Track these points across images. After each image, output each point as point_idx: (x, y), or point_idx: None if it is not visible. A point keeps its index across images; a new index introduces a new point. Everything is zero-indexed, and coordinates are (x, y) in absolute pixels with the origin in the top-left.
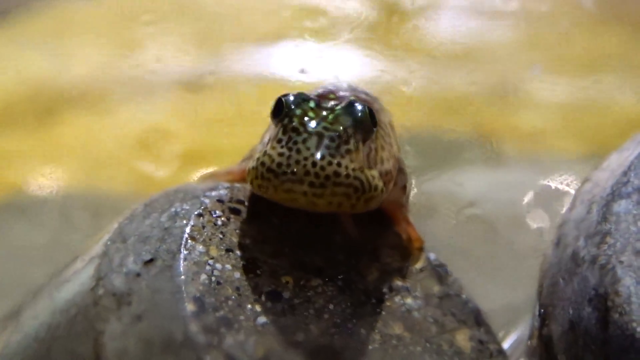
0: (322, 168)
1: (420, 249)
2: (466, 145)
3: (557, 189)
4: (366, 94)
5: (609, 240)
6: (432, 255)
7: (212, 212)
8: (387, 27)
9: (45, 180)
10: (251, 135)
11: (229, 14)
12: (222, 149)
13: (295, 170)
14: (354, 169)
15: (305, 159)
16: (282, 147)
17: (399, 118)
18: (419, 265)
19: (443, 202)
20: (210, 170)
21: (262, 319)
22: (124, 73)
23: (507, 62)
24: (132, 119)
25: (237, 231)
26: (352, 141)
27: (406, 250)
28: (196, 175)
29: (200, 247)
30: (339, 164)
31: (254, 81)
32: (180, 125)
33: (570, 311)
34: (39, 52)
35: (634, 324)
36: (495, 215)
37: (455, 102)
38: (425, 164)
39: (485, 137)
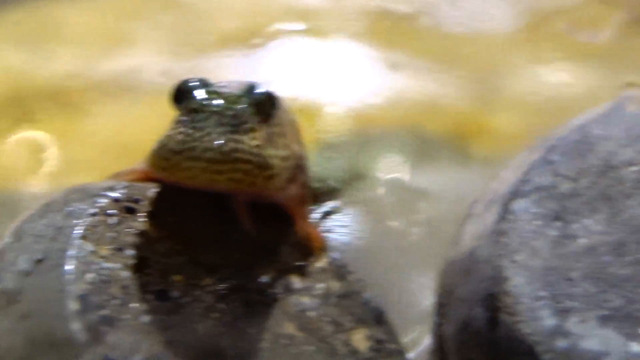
0: (222, 144)
1: (322, 249)
2: None
3: None
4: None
5: (504, 239)
6: (335, 255)
7: (106, 212)
8: None
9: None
10: None
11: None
12: None
13: (194, 147)
14: (253, 146)
15: (205, 136)
16: (183, 126)
17: None
18: (320, 264)
19: None
20: None
21: (146, 318)
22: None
23: None
24: (109, 121)
25: (131, 230)
26: (252, 120)
27: (306, 249)
28: None
29: (90, 246)
30: (238, 140)
31: None
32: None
33: (463, 311)
34: (16, 50)
35: (522, 325)
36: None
37: None
38: None
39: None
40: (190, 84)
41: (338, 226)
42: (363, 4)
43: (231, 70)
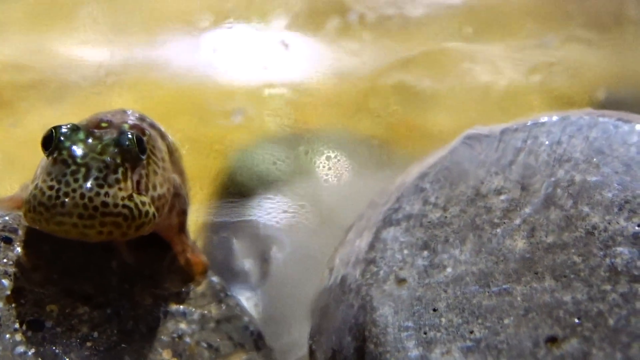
0: (90, 199)
1: (203, 273)
2: None
3: None
4: (142, 119)
5: (373, 268)
6: (214, 279)
7: None
8: None
9: None
10: None
11: None
12: None
13: (64, 202)
14: (122, 198)
15: (74, 190)
16: (52, 179)
17: None
18: (200, 289)
19: None
20: None
21: (20, 349)
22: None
23: None
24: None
25: (6, 260)
26: (120, 170)
27: (187, 275)
28: None
29: None
30: (106, 194)
31: None
32: None
33: (334, 339)
34: None
35: (388, 356)
36: None
37: None
38: None
39: None
40: (61, 131)
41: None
42: None
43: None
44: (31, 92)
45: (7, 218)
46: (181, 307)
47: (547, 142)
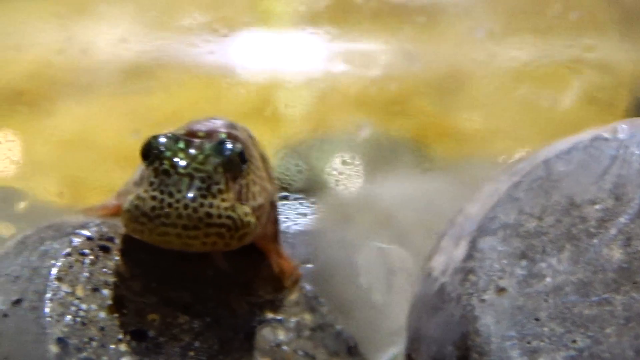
0: (195, 210)
1: (295, 281)
2: None
3: None
4: (234, 127)
5: (472, 277)
6: (307, 286)
7: (81, 251)
8: None
9: None
10: None
11: None
12: None
13: (168, 213)
14: (225, 208)
15: (178, 201)
16: (154, 190)
17: None
18: (293, 297)
19: None
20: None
21: (125, 359)
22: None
23: None
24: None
25: (105, 270)
26: (222, 180)
27: (280, 283)
28: None
29: (66, 288)
30: (210, 205)
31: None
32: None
33: (434, 348)
34: None
35: None
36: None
37: None
38: None
39: None
40: (160, 141)
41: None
42: None
43: None
44: (61, 90)
45: (103, 226)
46: (276, 314)
47: (637, 152)
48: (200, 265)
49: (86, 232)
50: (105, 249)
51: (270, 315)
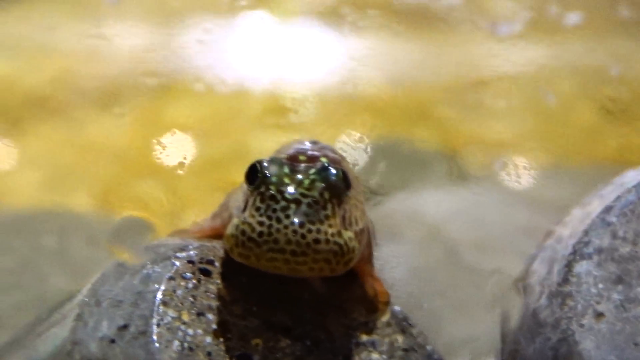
0: (303, 236)
1: (386, 303)
2: None
3: None
4: (332, 150)
5: (570, 302)
6: (396, 308)
7: (183, 275)
8: None
9: (11, 197)
10: None
11: None
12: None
13: (277, 239)
14: (332, 234)
15: (286, 227)
16: (261, 215)
17: None
18: (384, 318)
19: None
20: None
21: None
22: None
23: None
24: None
25: (208, 293)
26: (329, 206)
27: (371, 304)
28: None
29: (172, 313)
30: (318, 231)
31: None
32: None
33: None
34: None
35: None
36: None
37: None
38: None
39: None
40: (265, 165)
41: None
42: None
43: None
44: (86, 99)
45: (202, 249)
46: (370, 336)
47: None
48: (297, 287)
49: (187, 256)
50: (206, 273)
51: (364, 338)
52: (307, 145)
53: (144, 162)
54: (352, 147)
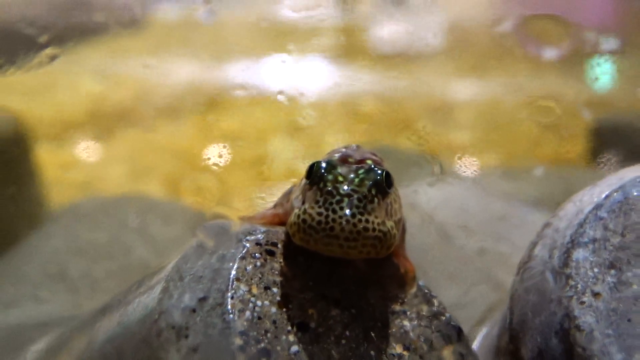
0: (354, 225)
1: (414, 278)
2: None
3: None
4: (374, 154)
5: (571, 282)
6: (421, 282)
7: (253, 255)
8: None
9: (101, 186)
10: None
11: None
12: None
13: (333, 227)
14: (378, 224)
15: (340, 217)
16: (319, 207)
17: None
18: (412, 290)
19: None
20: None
21: (294, 348)
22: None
23: None
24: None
25: (272, 270)
26: (375, 200)
27: (402, 279)
28: None
29: (243, 287)
30: (367, 221)
31: None
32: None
33: (539, 340)
34: (92, 74)
35: (596, 358)
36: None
37: None
38: None
39: None
40: (322, 166)
41: None
42: None
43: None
44: (158, 111)
45: (267, 234)
46: (402, 306)
47: None
48: (343, 266)
49: (255, 239)
50: (271, 253)
51: (397, 307)
52: (354, 148)
53: (199, 160)
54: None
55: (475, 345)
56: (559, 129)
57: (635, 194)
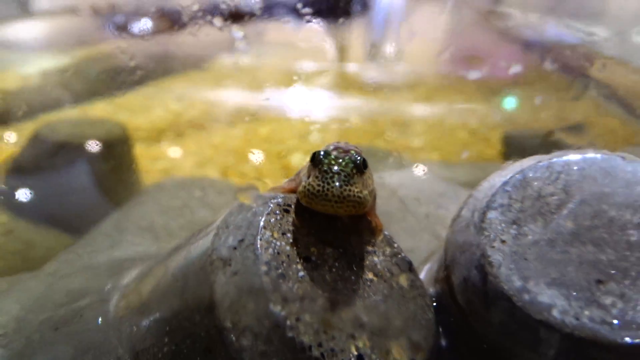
0: (341, 193)
1: (381, 230)
2: None
3: None
4: (355, 147)
5: (485, 233)
6: (386, 232)
7: (275, 212)
8: None
9: (177, 171)
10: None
11: None
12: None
13: (327, 194)
14: (357, 192)
15: (332, 188)
16: (319, 181)
17: None
18: (380, 238)
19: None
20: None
21: (301, 273)
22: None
23: None
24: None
25: (287, 222)
26: (355, 176)
27: (373, 230)
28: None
29: (268, 233)
30: (350, 190)
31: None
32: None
33: (464, 271)
34: (174, 98)
35: (502, 284)
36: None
37: None
38: None
39: None
40: (321, 153)
41: None
42: None
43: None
44: (217, 122)
45: (285, 199)
46: (373, 247)
47: (576, 168)
48: (335, 220)
49: (276, 201)
50: (287, 211)
51: (370, 248)
52: (342, 143)
53: (245, 155)
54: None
55: (421, 275)
56: (481, 137)
57: (530, 175)
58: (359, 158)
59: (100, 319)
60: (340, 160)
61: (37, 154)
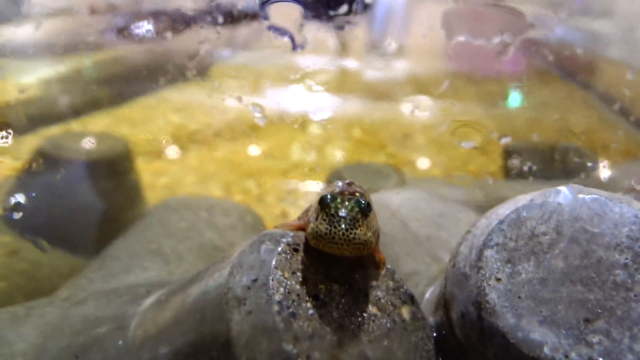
0: (347, 236)
1: (384, 264)
2: None
3: None
4: (361, 187)
5: (482, 271)
6: (389, 267)
7: (285, 251)
8: None
9: (181, 187)
10: None
11: None
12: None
13: (334, 237)
14: (362, 235)
15: (339, 231)
16: (326, 224)
17: None
18: (383, 272)
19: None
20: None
21: (310, 312)
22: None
23: None
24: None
25: (297, 261)
26: (360, 220)
27: (377, 265)
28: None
29: (279, 272)
30: (355, 233)
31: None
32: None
33: (462, 306)
34: (174, 109)
35: (497, 321)
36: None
37: None
38: None
39: None
40: (328, 197)
41: None
42: None
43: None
44: (217, 135)
45: (294, 237)
46: (377, 282)
47: (567, 209)
48: (341, 258)
49: (287, 240)
50: (296, 250)
51: (374, 283)
52: (346, 184)
53: (246, 170)
54: (345, 165)
55: (426, 296)
56: (483, 153)
57: (524, 214)
58: (363, 202)
59: (119, 347)
60: (347, 204)
61: (40, 171)
